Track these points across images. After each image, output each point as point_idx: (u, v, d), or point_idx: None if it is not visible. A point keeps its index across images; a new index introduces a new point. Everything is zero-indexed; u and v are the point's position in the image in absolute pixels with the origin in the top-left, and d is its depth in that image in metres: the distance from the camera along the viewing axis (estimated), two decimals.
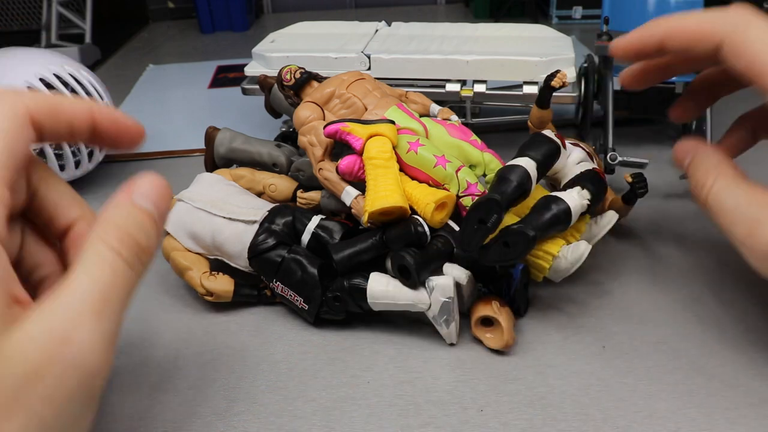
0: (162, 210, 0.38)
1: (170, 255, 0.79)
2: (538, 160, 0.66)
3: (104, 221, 0.34)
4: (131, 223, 0.34)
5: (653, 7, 1.15)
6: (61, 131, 0.36)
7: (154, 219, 0.36)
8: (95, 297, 0.30)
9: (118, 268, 0.32)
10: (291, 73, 0.93)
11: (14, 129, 0.31)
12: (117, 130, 0.41)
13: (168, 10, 2.46)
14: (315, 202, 0.85)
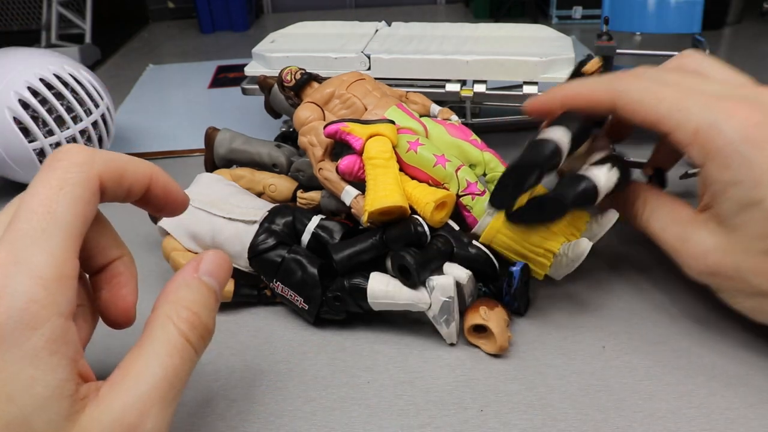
0: (222, 285, 0.38)
1: (170, 255, 0.79)
2: (572, 133, 0.63)
3: (174, 301, 0.34)
4: (200, 304, 0.34)
5: (653, 7, 1.15)
6: (121, 194, 0.36)
7: (217, 297, 0.36)
8: (163, 385, 0.30)
9: (185, 353, 0.32)
10: (291, 74, 0.93)
11: (87, 197, 0.31)
12: (166, 199, 0.41)
13: (168, 10, 2.46)
14: (315, 202, 0.85)
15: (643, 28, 1.17)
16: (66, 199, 0.29)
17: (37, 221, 0.27)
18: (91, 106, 1.05)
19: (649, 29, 1.17)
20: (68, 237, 0.28)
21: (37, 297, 0.26)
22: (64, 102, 1.01)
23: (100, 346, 0.65)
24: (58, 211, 0.28)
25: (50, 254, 0.26)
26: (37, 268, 0.26)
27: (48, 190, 0.29)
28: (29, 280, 0.25)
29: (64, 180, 0.29)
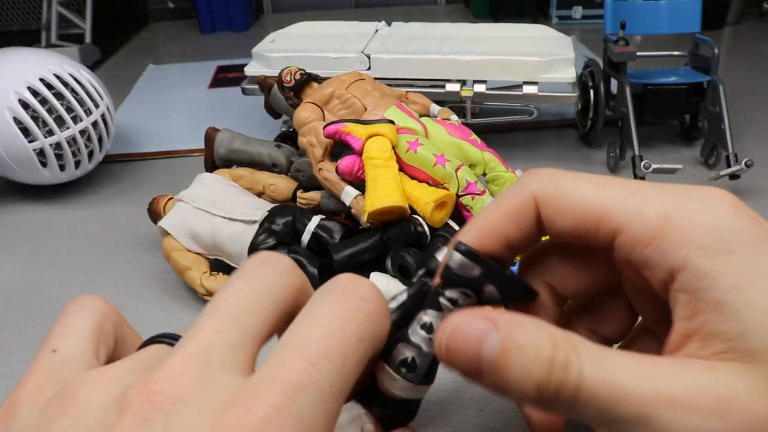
0: None
1: (170, 255, 0.79)
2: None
3: None
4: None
5: (653, 8, 1.15)
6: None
7: None
8: None
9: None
10: (291, 75, 0.93)
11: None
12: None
13: (168, 10, 2.46)
14: (315, 202, 0.85)
15: (643, 29, 1.17)
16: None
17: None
18: (91, 106, 1.05)
19: (650, 30, 1.17)
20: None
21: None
22: (64, 102, 1.01)
23: None
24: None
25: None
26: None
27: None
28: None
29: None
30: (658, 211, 0.22)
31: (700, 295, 0.20)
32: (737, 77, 1.51)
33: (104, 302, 0.27)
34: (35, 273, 0.91)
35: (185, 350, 0.19)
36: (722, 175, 0.97)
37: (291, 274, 0.22)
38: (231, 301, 0.21)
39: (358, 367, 0.20)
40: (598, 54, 1.52)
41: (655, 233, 0.21)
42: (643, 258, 0.22)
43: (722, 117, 1.02)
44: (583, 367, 0.20)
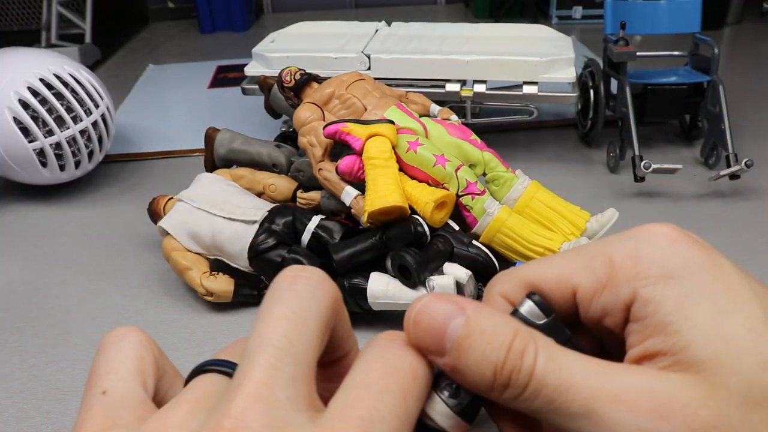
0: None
1: (170, 255, 0.79)
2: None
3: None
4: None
5: (653, 8, 1.15)
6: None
7: None
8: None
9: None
10: (291, 75, 0.93)
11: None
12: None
13: (168, 10, 2.46)
14: (315, 202, 0.85)
15: (644, 29, 1.17)
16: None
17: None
18: (91, 106, 1.05)
19: (650, 30, 1.17)
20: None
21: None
22: (64, 102, 1.01)
23: None
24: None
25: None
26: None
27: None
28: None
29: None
30: (602, 259, 0.23)
31: (647, 322, 0.21)
32: (737, 77, 1.51)
33: (142, 332, 0.26)
34: (35, 273, 0.91)
35: (247, 390, 0.19)
36: (722, 175, 0.97)
37: (325, 287, 0.22)
38: (277, 331, 0.20)
39: (417, 402, 0.21)
40: (598, 54, 1.52)
41: (604, 280, 0.22)
42: (600, 308, 0.23)
43: (722, 117, 1.02)
44: (537, 357, 0.21)
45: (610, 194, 1.04)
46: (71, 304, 0.83)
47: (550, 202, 0.82)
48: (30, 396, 0.69)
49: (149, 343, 0.26)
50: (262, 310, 0.21)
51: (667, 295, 0.21)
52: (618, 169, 1.09)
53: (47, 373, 0.72)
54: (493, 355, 0.21)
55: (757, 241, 0.90)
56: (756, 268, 0.85)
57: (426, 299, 0.22)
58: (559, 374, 0.21)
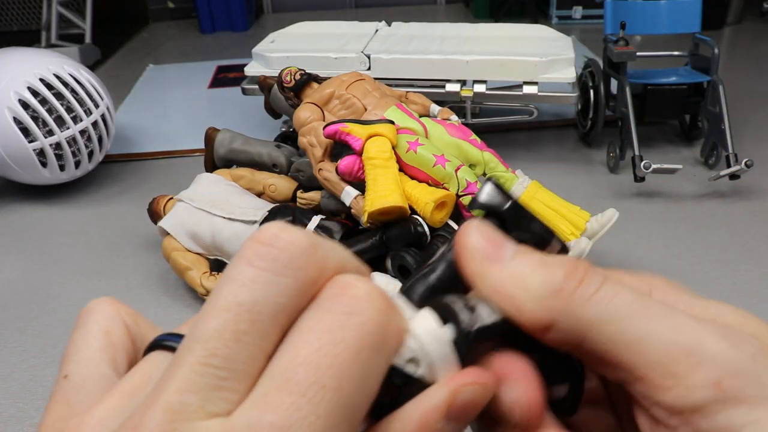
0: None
1: (170, 255, 0.79)
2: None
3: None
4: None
5: (653, 8, 1.15)
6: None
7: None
8: None
9: None
10: (291, 75, 0.93)
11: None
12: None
13: (168, 10, 2.46)
14: (315, 202, 0.85)
15: (644, 29, 1.17)
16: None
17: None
18: (91, 106, 1.05)
19: (650, 30, 1.17)
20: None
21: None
22: (64, 102, 1.01)
23: None
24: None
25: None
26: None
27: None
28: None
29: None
30: (708, 377, 0.17)
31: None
32: (737, 77, 1.51)
33: (112, 303, 0.23)
34: (35, 273, 0.91)
35: (160, 398, 0.16)
36: (722, 175, 0.97)
37: (299, 266, 0.17)
38: (211, 325, 0.16)
39: (364, 382, 0.16)
40: (598, 54, 1.52)
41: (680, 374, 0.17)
42: (657, 404, 0.18)
43: (722, 117, 1.02)
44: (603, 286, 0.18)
45: (610, 194, 1.04)
46: (71, 304, 0.83)
47: (550, 203, 0.82)
48: (30, 396, 0.69)
49: (118, 313, 0.23)
50: (212, 292, 0.17)
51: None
52: (618, 169, 1.09)
53: (47, 373, 0.72)
54: (561, 260, 0.18)
55: (757, 241, 0.90)
56: (756, 268, 0.85)
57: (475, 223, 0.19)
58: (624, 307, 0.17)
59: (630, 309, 0.17)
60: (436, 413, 0.17)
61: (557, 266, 0.18)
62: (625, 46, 1.07)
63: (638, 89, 1.10)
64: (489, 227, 0.19)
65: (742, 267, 0.85)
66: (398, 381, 0.17)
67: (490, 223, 0.20)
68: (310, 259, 0.17)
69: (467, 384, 0.17)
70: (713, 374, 0.17)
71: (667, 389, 0.17)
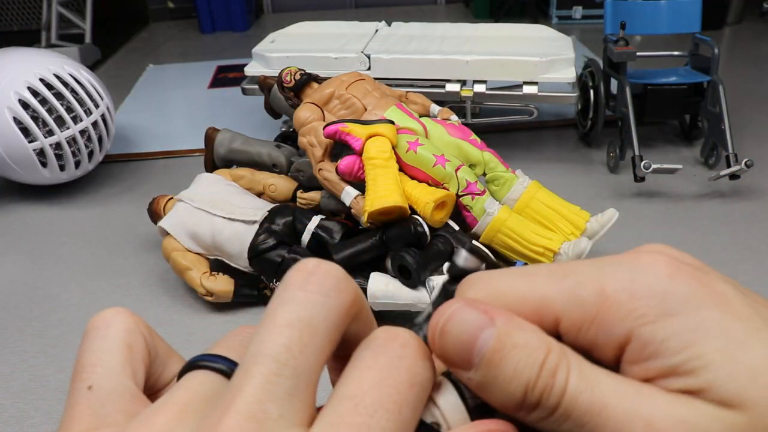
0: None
1: (170, 255, 0.79)
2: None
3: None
4: None
5: (653, 8, 1.15)
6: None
7: None
8: None
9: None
10: (291, 75, 0.93)
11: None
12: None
13: (168, 10, 2.46)
14: (315, 202, 0.85)
15: (644, 29, 1.17)
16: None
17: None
18: (91, 106, 1.05)
19: (650, 30, 1.17)
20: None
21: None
22: (64, 102, 1.01)
23: None
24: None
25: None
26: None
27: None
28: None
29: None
30: (593, 289, 0.21)
31: (650, 365, 0.20)
32: (737, 77, 1.51)
33: (129, 315, 0.24)
34: (35, 273, 0.91)
35: (238, 406, 0.18)
36: (722, 175, 0.97)
37: (341, 288, 0.20)
38: (278, 341, 0.19)
39: (414, 412, 0.19)
40: (598, 54, 1.52)
41: (594, 313, 0.20)
42: (588, 340, 0.21)
43: (722, 117, 1.02)
44: (570, 375, 0.19)
45: (610, 194, 1.04)
46: (71, 304, 0.83)
47: (550, 202, 0.82)
48: (30, 396, 0.69)
49: (137, 327, 0.24)
50: (267, 313, 0.19)
51: (670, 333, 0.19)
52: (618, 169, 1.09)
53: (47, 373, 0.72)
54: (525, 372, 0.20)
55: (757, 241, 0.90)
56: (756, 268, 0.85)
57: (456, 306, 0.20)
58: (592, 394, 0.19)
59: (596, 406, 0.20)
60: None
61: (517, 384, 0.20)
62: (625, 46, 1.07)
63: (638, 89, 1.10)
64: (456, 321, 0.21)
65: (742, 267, 0.85)
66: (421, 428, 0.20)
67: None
68: (348, 284, 0.20)
69: (492, 430, 0.20)
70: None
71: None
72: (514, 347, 0.20)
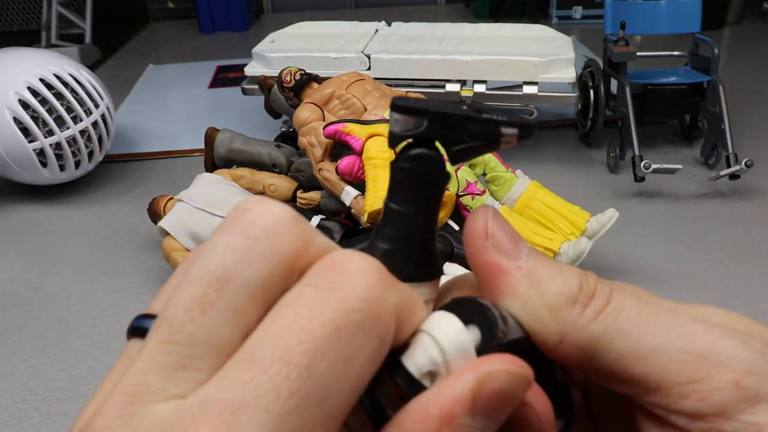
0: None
1: (170, 255, 0.79)
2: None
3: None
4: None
5: (653, 9, 1.15)
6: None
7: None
8: None
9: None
10: (291, 75, 0.93)
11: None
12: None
13: (168, 10, 2.46)
14: (315, 203, 0.85)
15: (644, 29, 1.18)
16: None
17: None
18: (91, 106, 1.05)
19: (650, 30, 1.17)
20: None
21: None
22: (64, 102, 1.01)
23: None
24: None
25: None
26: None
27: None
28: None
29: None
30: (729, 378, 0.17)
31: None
32: (737, 77, 1.51)
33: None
34: (35, 273, 0.91)
35: (124, 381, 0.15)
36: (722, 175, 0.97)
37: (276, 233, 0.15)
38: (177, 298, 0.15)
39: (344, 366, 0.14)
40: (598, 54, 1.52)
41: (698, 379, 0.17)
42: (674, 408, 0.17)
43: (722, 117, 1.02)
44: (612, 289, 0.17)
45: (610, 194, 1.04)
46: (71, 304, 0.83)
47: (550, 203, 0.82)
48: (30, 396, 0.69)
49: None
50: (177, 268, 0.16)
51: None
52: (618, 169, 1.09)
53: (47, 373, 0.72)
54: (572, 269, 0.17)
55: (757, 241, 0.90)
56: (756, 269, 0.85)
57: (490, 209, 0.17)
58: (637, 302, 0.17)
59: (638, 321, 0.17)
60: (459, 406, 0.15)
61: (571, 276, 0.17)
62: (625, 46, 1.07)
63: (638, 89, 1.10)
64: (502, 218, 0.18)
65: (742, 267, 0.85)
66: (408, 390, 0.15)
67: (422, 158, 0.17)
68: (291, 228, 0.15)
69: (496, 371, 0.15)
70: (731, 375, 0.16)
71: (686, 396, 0.16)
72: (551, 271, 0.17)
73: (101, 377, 0.72)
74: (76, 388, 0.70)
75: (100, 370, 0.72)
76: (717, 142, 1.05)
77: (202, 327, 0.14)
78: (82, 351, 0.75)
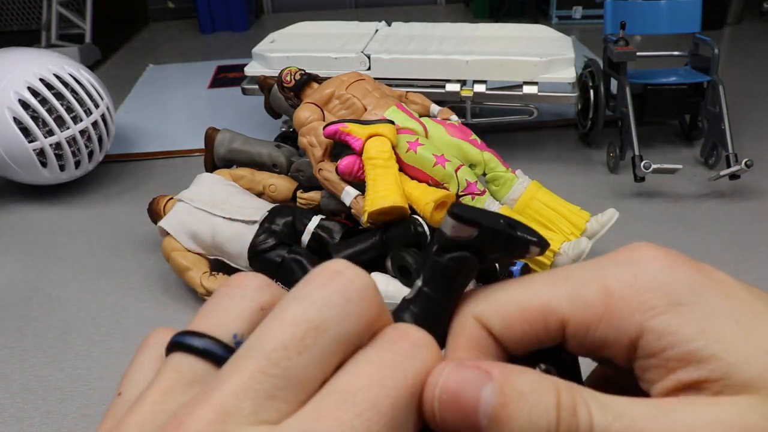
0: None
1: (170, 255, 0.79)
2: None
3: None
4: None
5: (653, 8, 1.15)
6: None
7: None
8: None
9: None
10: (291, 75, 0.93)
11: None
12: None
13: (168, 10, 2.46)
14: (315, 203, 0.85)
15: (644, 29, 1.18)
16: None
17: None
18: (91, 106, 1.05)
19: (650, 30, 1.17)
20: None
21: None
22: (64, 102, 1.01)
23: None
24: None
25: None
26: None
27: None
28: None
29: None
30: (596, 288, 0.20)
31: (668, 354, 0.19)
32: (737, 77, 1.51)
33: (170, 333, 0.23)
34: (35, 273, 0.91)
35: (211, 400, 0.16)
36: (722, 175, 0.97)
37: (365, 297, 0.18)
38: (277, 336, 0.17)
39: (413, 419, 0.17)
40: (598, 54, 1.52)
41: (601, 311, 0.20)
42: (597, 340, 0.20)
43: (722, 117, 1.02)
44: (591, 410, 0.18)
45: (610, 194, 1.04)
46: (71, 304, 0.83)
47: (550, 202, 0.82)
48: (30, 396, 0.69)
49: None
50: (277, 307, 0.18)
51: (682, 322, 0.19)
52: (618, 169, 1.09)
53: (47, 373, 0.72)
54: (542, 419, 0.18)
55: (757, 241, 0.90)
56: (756, 268, 0.85)
57: (445, 371, 0.18)
58: (622, 423, 0.17)
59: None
60: None
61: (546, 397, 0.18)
62: (625, 46, 1.07)
63: (638, 89, 1.10)
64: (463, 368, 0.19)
65: (742, 267, 0.85)
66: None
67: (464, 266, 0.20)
68: (375, 296, 0.18)
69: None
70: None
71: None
72: (521, 396, 0.18)
73: (101, 377, 0.72)
74: (76, 388, 0.70)
75: (100, 370, 0.72)
76: (717, 142, 1.05)
77: (296, 365, 0.17)
78: (82, 351, 0.75)
